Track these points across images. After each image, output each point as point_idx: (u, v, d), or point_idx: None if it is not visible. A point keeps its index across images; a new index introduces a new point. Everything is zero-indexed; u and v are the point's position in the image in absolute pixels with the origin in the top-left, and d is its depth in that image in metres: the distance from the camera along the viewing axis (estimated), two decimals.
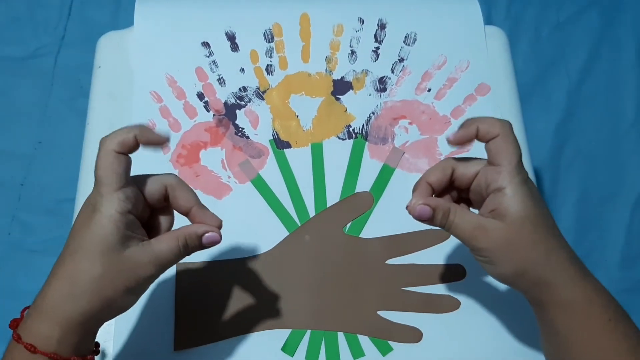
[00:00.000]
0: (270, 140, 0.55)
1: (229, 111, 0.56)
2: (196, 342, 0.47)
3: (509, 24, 0.99)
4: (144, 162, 0.52)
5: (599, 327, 0.36)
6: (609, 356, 0.37)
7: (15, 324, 0.35)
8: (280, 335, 0.47)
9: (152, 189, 0.37)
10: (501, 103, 0.56)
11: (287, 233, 0.51)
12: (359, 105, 0.56)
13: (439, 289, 0.50)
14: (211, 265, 0.49)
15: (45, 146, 0.95)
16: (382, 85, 0.57)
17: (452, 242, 0.51)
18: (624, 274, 0.88)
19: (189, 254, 0.38)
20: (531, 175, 0.54)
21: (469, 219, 0.37)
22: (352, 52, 0.58)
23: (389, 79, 0.57)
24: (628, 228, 0.89)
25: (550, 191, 0.90)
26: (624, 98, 0.96)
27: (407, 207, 0.39)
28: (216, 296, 0.48)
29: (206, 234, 0.37)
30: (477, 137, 0.37)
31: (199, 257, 0.49)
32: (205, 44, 0.58)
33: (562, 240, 0.37)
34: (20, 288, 0.86)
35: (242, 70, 0.57)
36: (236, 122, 0.55)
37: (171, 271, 0.49)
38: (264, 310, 0.48)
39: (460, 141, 0.38)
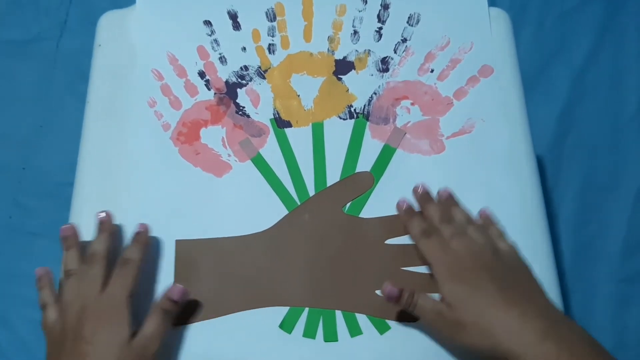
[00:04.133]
0: (271, 120, 0.54)
1: (230, 90, 0.55)
2: (194, 318, 0.47)
3: (512, 13, 0.98)
4: (144, 141, 0.53)
5: None
6: None
7: None
8: (278, 312, 0.47)
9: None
10: (504, 85, 0.56)
11: (286, 212, 0.51)
12: (360, 85, 0.56)
13: None
14: (210, 242, 0.49)
15: (46, 130, 0.95)
16: (384, 65, 0.57)
17: None
18: (625, 264, 0.87)
19: (174, 317, 0.45)
20: (533, 165, 0.53)
21: (430, 303, 0.44)
22: (355, 32, 0.58)
23: (392, 59, 0.57)
24: (629, 218, 0.89)
25: (552, 180, 0.89)
26: (627, 88, 0.95)
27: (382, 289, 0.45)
28: (215, 273, 0.48)
29: (171, 292, 0.44)
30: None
31: (197, 234, 0.49)
32: (207, 23, 0.58)
33: (515, 302, 0.42)
34: (20, 271, 0.86)
35: (244, 49, 0.57)
36: (237, 100, 0.55)
37: (170, 248, 0.49)
38: (262, 287, 0.48)
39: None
